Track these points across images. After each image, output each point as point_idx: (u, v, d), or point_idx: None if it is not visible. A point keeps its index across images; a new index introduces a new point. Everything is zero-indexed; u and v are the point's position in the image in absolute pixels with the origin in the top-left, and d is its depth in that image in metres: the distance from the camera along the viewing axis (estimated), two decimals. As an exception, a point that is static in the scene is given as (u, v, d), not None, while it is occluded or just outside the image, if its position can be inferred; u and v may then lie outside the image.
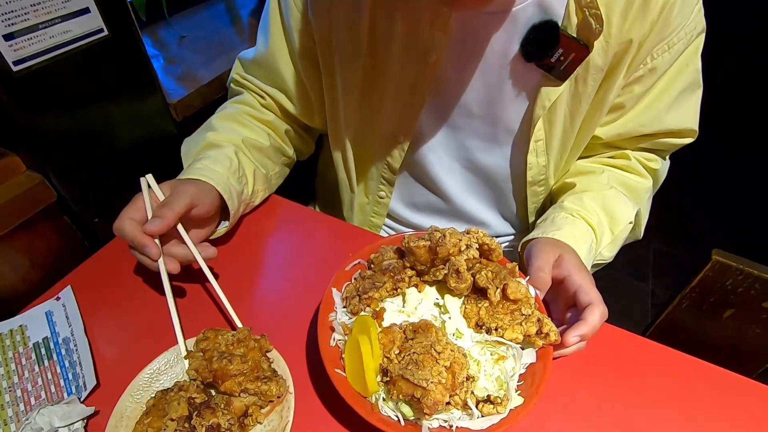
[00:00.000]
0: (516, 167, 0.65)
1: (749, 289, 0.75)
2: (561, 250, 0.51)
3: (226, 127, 0.63)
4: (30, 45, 0.49)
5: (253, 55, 0.66)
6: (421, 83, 0.57)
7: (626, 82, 0.55)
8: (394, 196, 0.75)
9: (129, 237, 0.48)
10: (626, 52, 0.51)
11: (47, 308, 0.58)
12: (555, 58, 0.51)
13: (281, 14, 0.62)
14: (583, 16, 0.49)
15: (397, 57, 0.57)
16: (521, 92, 0.57)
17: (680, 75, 0.56)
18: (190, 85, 0.77)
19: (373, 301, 0.45)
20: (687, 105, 0.58)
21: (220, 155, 0.58)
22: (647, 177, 0.64)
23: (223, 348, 0.46)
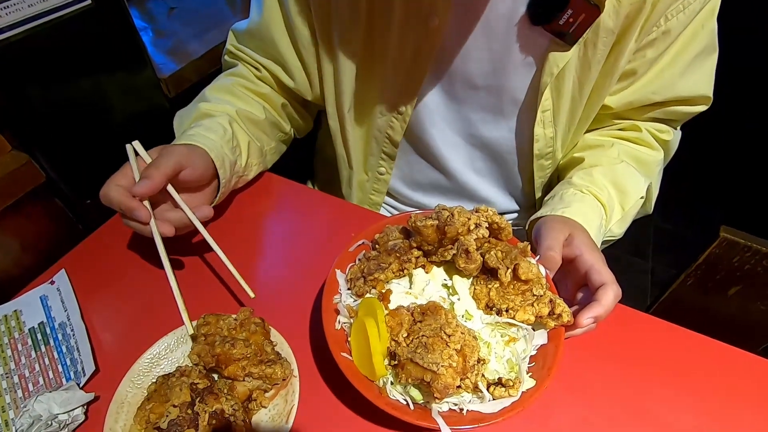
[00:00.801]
0: (522, 140, 0.63)
1: (756, 266, 0.74)
2: (571, 229, 0.49)
3: (219, 99, 0.60)
4: (6, 15, 0.46)
5: (247, 25, 0.63)
6: (423, 50, 0.55)
7: (638, 47, 0.52)
8: (394, 174, 0.72)
9: (116, 202, 0.46)
10: (639, 13, 0.48)
11: (42, 292, 0.56)
12: (563, 21, 0.48)
13: None
14: None
15: (397, 23, 0.54)
16: (527, 59, 0.54)
17: (695, 38, 0.53)
18: (182, 59, 0.73)
19: (378, 283, 0.43)
20: (702, 70, 0.56)
21: (213, 123, 0.55)
22: (659, 149, 0.62)
23: (225, 332, 0.44)
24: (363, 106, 0.64)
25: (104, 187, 0.46)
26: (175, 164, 0.47)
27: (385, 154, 0.68)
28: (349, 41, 0.57)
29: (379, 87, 0.61)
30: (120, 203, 0.45)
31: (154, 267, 0.58)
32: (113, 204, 0.46)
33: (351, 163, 0.71)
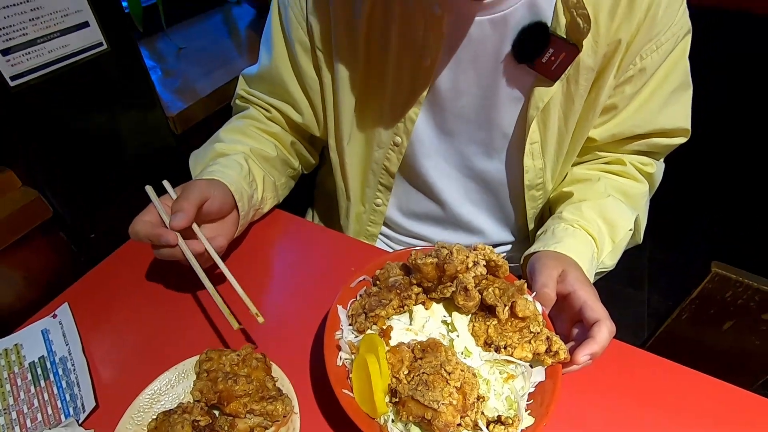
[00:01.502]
0: (513, 171, 0.65)
1: (749, 301, 0.76)
2: (564, 265, 0.50)
3: (233, 139, 0.64)
4: (28, 60, 0.49)
5: (257, 70, 0.67)
6: (417, 86, 0.58)
7: (617, 83, 0.56)
8: (391, 204, 0.75)
9: (143, 234, 0.49)
10: (615, 52, 0.52)
11: (43, 326, 0.56)
12: (546, 59, 0.52)
13: (283, 28, 0.63)
14: (571, 17, 0.50)
15: (393, 61, 0.58)
16: (515, 94, 0.57)
17: (670, 75, 0.57)
18: (189, 98, 0.76)
19: (379, 319, 0.44)
20: (678, 105, 0.59)
21: (230, 161, 0.59)
22: (643, 182, 0.65)
23: (228, 368, 0.45)
24: (361, 138, 0.67)
25: (132, 225, 0.50)
26: (200, 196, 0.51)
27: (382, 186, 0.71)
28: (349, 77, 0.61)
29: (376, 120, 0.64)
30: (148, 234, 0.49)
31: (157, 302, 0.59)
32: (141, 236, 0.49)
33: (349, 195, 0.74)
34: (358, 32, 0.57)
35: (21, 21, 0.47)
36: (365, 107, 0.63)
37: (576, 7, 0.49)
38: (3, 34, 0.46)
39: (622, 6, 0.49)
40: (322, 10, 0.58)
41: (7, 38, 0.46)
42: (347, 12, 0.56)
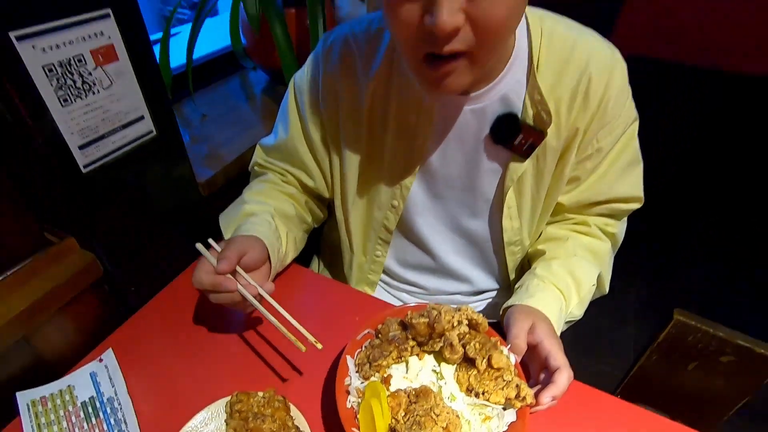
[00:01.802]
0: (494, 230, 0.76)
1: (708, 346, 0.85)
2: (534, 318, 0.60)
3: (258, 200, 0.74)
4: (97, 151, 0.60)
5: (274, 142, 0.78)
6: (411, 159, 0.69)
7: (578, 160, 0.67)
8: (389, 256, 0.85)
9: (207, 282, 0.57)
10: (575, 137, 0.63)
11: (91, 369, 0.65)
12: (518, 142, 0.63)
13: (298, 109, 0.74)
14: (537, 110, 0.61)
15: (390, 140, 0.69)
16: (494, 167, 0.68)
17: (622, 154, 0.68)
18: (215, 165, 0.88)
19: (381, 368, 0.54)
20: (631, 177, 0.70)
21: (259, 220, 0.69)
22: (606, 240, 0.75)
23: (256, 409, 0.54)
24: (363, 201, 0.78)
25: (195, 276, 0.59)
26: (241, 248, 0.60)
27: (381, 240, 0.81)
28: (353, 151, 0.72)
29: (376, 187, 0.75)
30: (211, 282, 0.57)
31: (188, 346, 0.68)
32: (205, 284, 0.58)
33: (353, 248, 0.84)
34: (361, 118, 0.69)
35: (95, 122, 0.58)
36: (367, 176, 0.74)
37: (540, 104, 0.61)
38: (81, 132, 0.57)
39: (578, 102, 0.61)
40: (332, 100, 0.69)
41: (84, 136, 0.58)
42: (353, 102, 0.68)
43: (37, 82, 0.50)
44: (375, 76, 0.64)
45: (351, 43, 0.66)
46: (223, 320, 0.71)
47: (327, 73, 0.68)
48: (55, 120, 0.53)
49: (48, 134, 0.53)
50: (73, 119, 0.55)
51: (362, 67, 0.65)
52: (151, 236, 0.75)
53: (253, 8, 0.81)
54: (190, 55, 0.94)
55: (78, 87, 0.54)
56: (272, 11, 0.87)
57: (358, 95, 0.67)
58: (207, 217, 0.84)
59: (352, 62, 0.66)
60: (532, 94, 0.60)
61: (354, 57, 0.66)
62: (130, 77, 0.60)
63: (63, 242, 0.64)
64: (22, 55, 0.48)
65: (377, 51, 0.65)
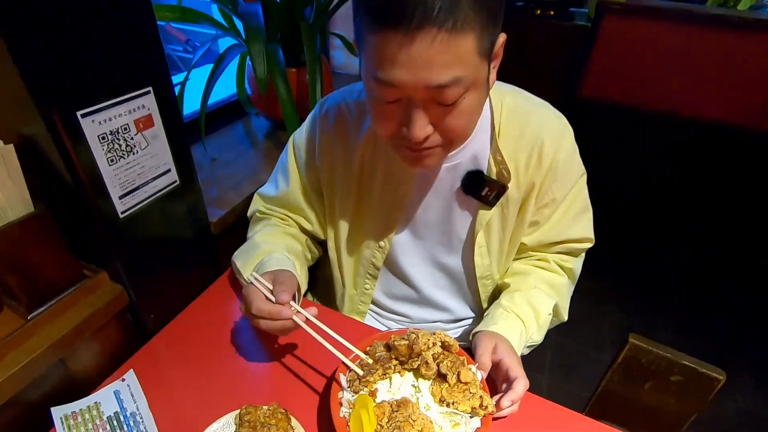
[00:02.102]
0: (468, 266, 0.88)
1: (659, 366, 0.96)
2: (497, 340, 0.72)
3: (271, 241, 0.84)
4: (132, 200, 0.72)
5: (276, 193, 0.89)
6: (396, 206, 0.81)
7: (537, 207, 0.79)
8: (377, 289, 0.95)
9: (267, 310, 0.64)
10: (532, 190, 0.76)
11: (115, 388, 0.75)
12: (484, 193, 0.76)
13: (297, 164, 0.86)
14: (499, 169, 0.74)
15: (378, 191, 0.81)
16: (465, 213, 0.81)
17: (573, 203, 0.80)
18: (224, 206, 1.00)
19: (369, 384, 0.64)
20: (582, 222, 0.84)
21: (280, 257, 0.78)
22: (563, 275, 0.88)
23: (262, 419, 0.64)
24: (354, 242, 0.89)
25: (255, 306, 0.65)
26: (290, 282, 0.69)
27: (370, 275, 0.92)
28: (346, 200, 0.84)
29: (365, 230, 0.86)
30: (270, 310, 0.64)
31: (200, 366, 0.78)
32: (264, 312, 0.64)
33: (344, 283, 0.95)
34: (353, 172, 0.81)
35: (133, 177, 0.70)
36: (358, 221, 0.86)
37: (501, 163, 0.74)
38: (122, 185, 0.69)
39: (533, 162, 0.74)
40: (327, 158, 0.82)
41: (123, 188, 0.69)
42: (346, 160, 0.80)
43: (92, 147, 0.62)
44: (365, 138, 0.77)
45: (344, 110, 0.79)
46: (231, 342, 0.82)
47: (323, 135, 0.80)
48: (103, 176, 0.65)
49: (96, 187, 0.65)
50: (116, 175, 0.67)
51: (353, 131, 0.78)
52: (168, 270, 0.85)
53: (262, 72, 0.94)
54: (204, 107, 1.07)
55: (123, 149, 0.66)
56: (277, 72, 1.01)
57: (350, 154, 0.79)
58: (217, 253, 0.96)
59: (345, 126, 0.79)
60: (495, 156, 0.74)
61: (347, 122, 0.79)
62: (162, 138, 0.72)
63: (96, 276, 0.75)
64: (84, 128, 0.60)
65: (366, 117, 0.78)
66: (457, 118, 0.58)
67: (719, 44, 1.72)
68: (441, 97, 0.55)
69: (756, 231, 2.00)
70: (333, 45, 1.69)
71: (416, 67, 0.51)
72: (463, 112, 0.58)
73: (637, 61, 1.84)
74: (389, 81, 0.53)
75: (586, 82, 1.95)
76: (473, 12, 0.50)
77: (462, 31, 0.50)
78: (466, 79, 0.54)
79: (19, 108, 0.59)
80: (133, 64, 0.64)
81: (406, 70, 0.52)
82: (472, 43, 0.52)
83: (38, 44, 0.53)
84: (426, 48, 0.50)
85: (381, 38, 0.51)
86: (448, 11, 0.48)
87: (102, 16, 0.59)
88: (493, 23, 0.54)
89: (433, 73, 0.52)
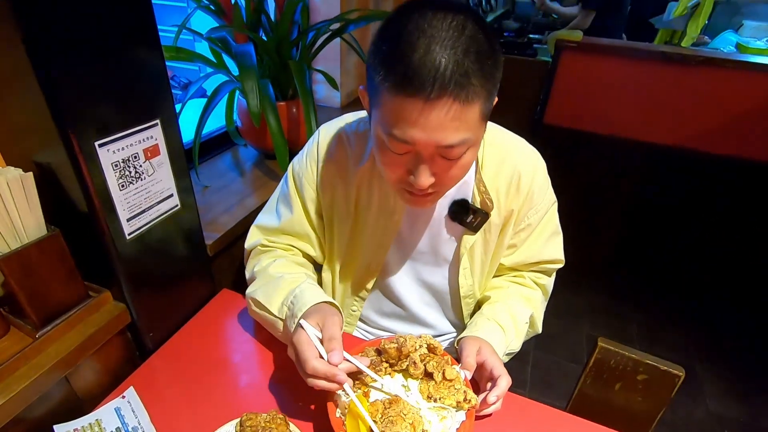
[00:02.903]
0: (452, 286, 0.95)
1: (626, 367, 1.04)
2: (480, 343, 0.79)
3: (292, 272, 0.85)
4: (139, 222, 0.77)
5: (279, 223, 0.91)
6: (388, 233, 0.88)
7: (515, 231, 0.89)
8: (366, 306, 1.01)
9: (322, 372, 0.62)
10: (511, 216, 0.85)
11: (116, 405, 0.78)
12: (469, 220, 0.84)
13: (298, 190, 0.91)
14: (482, 197, 0.83)
15: (373, 217, 0.88)
16: (452, 238, 0.89)
17: (546, 227, 0.90)
18: (219, 230, 1.05)
19: (363, 385, 0.70)
20: (553, 245, 0.93)
21: (311, 287, 0.78)
22: (537, 289, 0.97)
23: (263, 424, 0.68)
24: (348, 264, 0.95)
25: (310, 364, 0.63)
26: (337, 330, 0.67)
27: (359, 297, 0.98)
28: (343, 224, 0.90)
29: (359, 253, 0.93)
30: (326, 372, 0.62)
31: (198, 380, 0.82)
32: (319, 373, 0.62)
33: None
34: (351, 199, 0.87)
35: (140, 201, 0.76)
36: (352, 244, 0.92)
37: (484, 193, 0.82)
38: (130, 209, 0.74)
39: (512, 191, 0.83)
40: (328, 185, 0.87)
41: (131, 211, 0.75)
42: (345, 187, 0.86)
43: (106, 174, 0.68)
44: (362, 168, 0.84)
45: (344, 139, 0.85)
46: (227, 357, 0.86)
47: (325, 161, 0.86)
48: (114, 200, 0.70)
49: (108, 210, 0.70)
50: (126, 199, 0.73)
51: (353, 160, 0.85)
52: (167, 289, 0.90)
53: (256, 106, 1.02)
54: (198, 138, 1.13)
55: (132, 176, 0.72)
56: (268, 106, 1.10)
57: (348, 181, 0.86)
58: (211, 273, 1.01)
59: (344, 155, 0.85)
60: (478, 186, 0.83)
61: (346, 151, 0.85)
62: (167, 165, 0.79)
63: (101, 295, 0.79)
64: (100, 157, 0.66)
65: (365, 148, 0.84)
66: (457, 170, 0.66)
67: (665, 77, 1.92)
68: (447, 154, 0.61)
69: (711, 240, 2.17)
70: (315, 80, 1.81)
71: (431, 129, 0.57)
72: (463, 166, 0.66)
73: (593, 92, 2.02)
74: (404, 140, 0.59)
75: (549, 111, 2.12)
76: (480, 84, 0.56)
77: (471, 102, 0.57)
78: (470, 140, 0.61)
79: (40, 136, 0.65)
80: (145, 98, 0.72)
81: (421, 131, 0.58)
82: (478, 109, 0.58)
83: (66, 77, 0.60)
84: (441, 116, 0.56)
85: (399, 102, 0.57)
86: (461, 85, 0.54)
87: (121, 53, 0.66)
88: (494, 92, 0.61)
89: (445, 136, 0.58)
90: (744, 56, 2.25)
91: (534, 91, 2.19)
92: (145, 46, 0.70)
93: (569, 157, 2.14)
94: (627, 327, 2.19)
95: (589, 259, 2.33)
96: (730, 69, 1.83)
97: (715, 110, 1.89)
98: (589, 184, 2.21)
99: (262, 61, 1.27)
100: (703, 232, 2.15)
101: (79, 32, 0.60)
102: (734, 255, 2.14)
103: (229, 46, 1.22)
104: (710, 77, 1.86)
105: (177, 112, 0.80)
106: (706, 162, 1.98)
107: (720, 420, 1.76)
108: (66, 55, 0.59)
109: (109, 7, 0.63)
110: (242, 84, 1.04)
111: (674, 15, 2.60)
